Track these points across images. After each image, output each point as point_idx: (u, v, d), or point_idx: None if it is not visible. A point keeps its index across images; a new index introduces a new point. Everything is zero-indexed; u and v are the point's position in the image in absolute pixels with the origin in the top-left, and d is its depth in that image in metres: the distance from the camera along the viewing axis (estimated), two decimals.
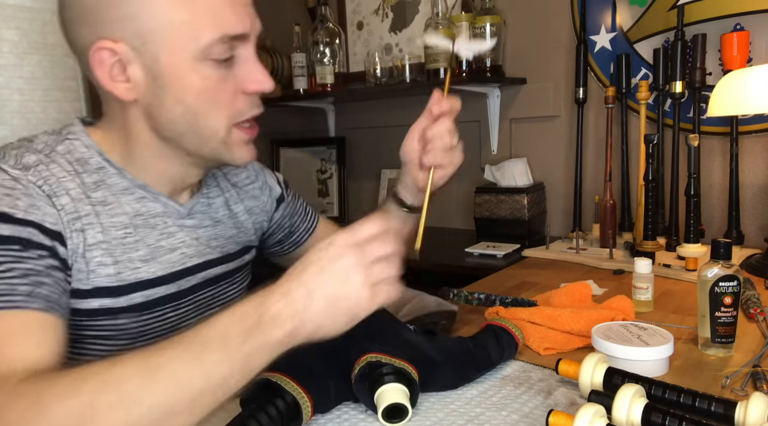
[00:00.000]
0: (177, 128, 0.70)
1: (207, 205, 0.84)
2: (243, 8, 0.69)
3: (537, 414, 0.64)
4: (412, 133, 0.85)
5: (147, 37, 0.66)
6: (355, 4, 2.11)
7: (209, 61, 0.67)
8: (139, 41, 0.66)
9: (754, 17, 1.37)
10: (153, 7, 0.65)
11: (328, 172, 2.21)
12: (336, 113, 2.25)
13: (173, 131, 0.71)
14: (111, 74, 0.67)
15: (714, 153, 1.47)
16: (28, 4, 1.11)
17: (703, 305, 0.78)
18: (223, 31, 0.66)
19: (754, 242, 1.39)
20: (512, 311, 0.89)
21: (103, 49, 0.66)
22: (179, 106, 0.68)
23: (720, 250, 0.77)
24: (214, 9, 0.66)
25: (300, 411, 0.60)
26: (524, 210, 1.64)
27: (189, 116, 0.69)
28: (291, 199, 0.99)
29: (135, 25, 0.65)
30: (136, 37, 0.66)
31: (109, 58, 0.66)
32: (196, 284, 0.80)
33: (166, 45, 0.66)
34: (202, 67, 0.67)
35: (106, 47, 0.66)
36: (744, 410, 0.56)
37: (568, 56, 1.67)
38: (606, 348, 0.72)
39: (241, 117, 0.71)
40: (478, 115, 1.86)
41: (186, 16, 0.65)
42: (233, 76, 0.70)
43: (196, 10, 0.65)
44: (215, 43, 0.66)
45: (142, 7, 0.65)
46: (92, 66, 0.67)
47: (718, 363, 0.76)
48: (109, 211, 0.72)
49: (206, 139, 0.71)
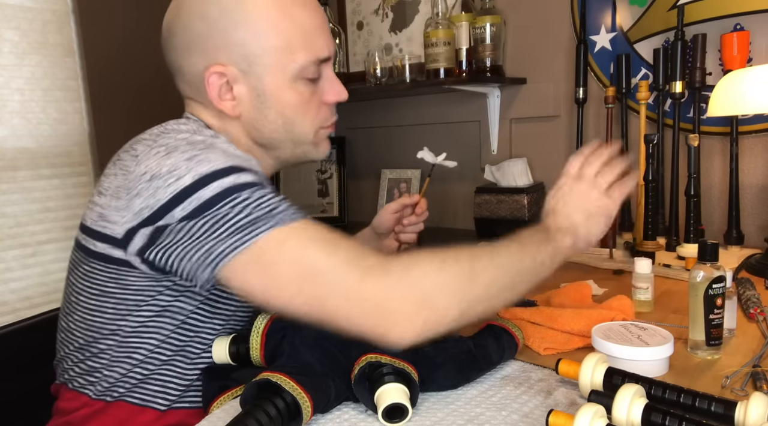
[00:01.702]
0: (278, 137, 0.81)
1: None
2: (327, 32, 0.81)
3: (537, 414, 0.64)
4: (388, 209, 1.07)
5: (252, 59, 0.76)
6: (355, 4, 2.11)
7: (303, 80, 0.78)
8: (246, 64, 0.76)
9: (754, 17, 1.37)
10: (258, 35, 0.75)
11: (328, 172, 2.21)
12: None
13: (274, 140, 0.81)
14: (220, 94, 0.77)
15: (714, 153, 1.47)
16: (28, 4, 1.11)
17: (695, 308, 0.77)
18: (315, 55, 0.78)
19: (754, 242, 1.39)
20: (512, 311, 0.89)
21: (214, 74, 0.76)
22: (280, 118, 0.79)
23: (707, 251, 0.77)
24: (308, 36, 0.78)
25: (300, 411, 0.60)
26: (524, 210, 1.64)
27: (288, 126, 0.80)
28: None
29: (242, 51, 0.75)
30: (243, 61, 0.76)
31: (218, 80, 0.76)
32: None
33: (268, 67, 0.76)
34: (298, 85, 0.78)
35: (217, 71, 0.75)
36: (744, 410, 0.56)
37: (568, 56, 1.67)
38: (606, 348, 0.72)
39: (325, 123, 0.84)
40: (478, 115, 1.86)
41: (285, 42, 0.76)
42: (319, 90, 0.82)
43: (294, 37, 0.76)
44: (309, 64, 0.78)
45: (248, 35, 0.75)
46: (206, 87, 0.76)
47: (718, 363, 0.76)
48: None
49: (299, 143, 0.83)
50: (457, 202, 1.94)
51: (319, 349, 0.68)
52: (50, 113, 1.18)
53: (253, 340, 0.72)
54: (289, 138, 0.81)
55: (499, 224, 1.68)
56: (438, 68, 1.68)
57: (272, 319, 0.74)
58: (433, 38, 1.67)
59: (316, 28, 0.79)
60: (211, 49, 0.75)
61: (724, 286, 0.77)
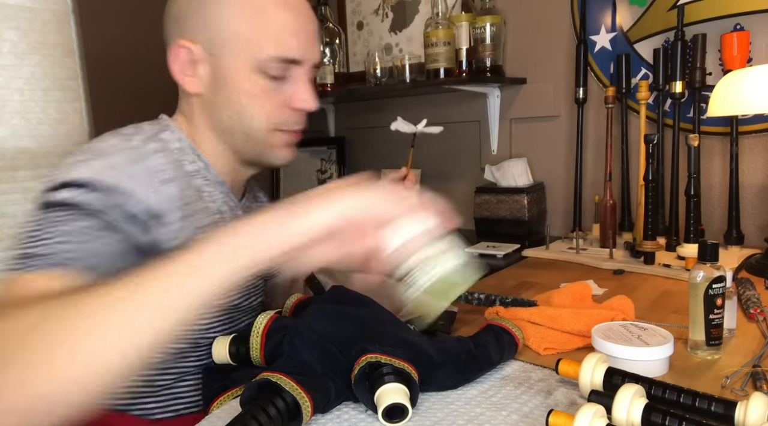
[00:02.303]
0: (231, 124, 0.81)
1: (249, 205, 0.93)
2: (305, 37, 0.80)
3: (537, 414, 0.64)
4: None
5: (220, 42, 0.78)
6: (355, 4, 2.10)
7: (263, 74, 0.79)
8: (213, 46, 0.78)
9: (754, 17, 1.37)
10: (230, 20, 0.77)
11: (328, 172, 2.21)
12: (336, 113, 2.25)
13: (228, 127, 0.81)
14: (182, 69, 0.80)
15: (714, 153, 1.47)
16: (28, 4, 1.11)
17: (695, 308, 0.77)
18: (281, 53, 0.78)
19: (754, 242, 1.39)
20: (512, 311, 0.89)
21: (182, 47, 0.79)
22: (235, 105, 0.80)
23: (707, 251, 0.77)
24: (279, 33, 0.78)
25: (300, 411, 0.60)
26: (524, 210, 1.64)
27: (240, 115, 0.80)
28: None
29: (212, 33, 0.78)
30: (211, 42, 0.78)
31: (184, 55, 0.79)
32: None
33: (233, 52, 0.78)
34: (258, 77, 0.79)
35: (185, 46, 0.78)
36: (744, 410, 0.56)
37: (568, 56, 1.67)
38: (606, 348, 0.72)
39: (282, 126, 0.83)
40: (478, 115, 1.86)
41: (254, 33, 0.77)
42: (282, 92, 0.81)
43: (265, 30, 0.77)
44: (272, 60, 0.78)
45: (221, 19, 0.77)
46: (169, 58, 0.79)
47: (718, 363, 0.76)
48: (206, 198, 0.80)
49: (252, 138, 0.82)
50: (457, 202, 1.93)
51: (319, 349, 0.68)
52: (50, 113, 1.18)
53: (253, 340, 0.72)
54: (241, 128, 0.81)
55: (499, 224, 1.68)
56: (438, 68, 1.68)
57: (272, 319, 0.74)
58: (433, 38, 1.67)
59: (293, 29, 0.79)
60: (186, 25, 0.79)
61: (724, 286, 0.77)
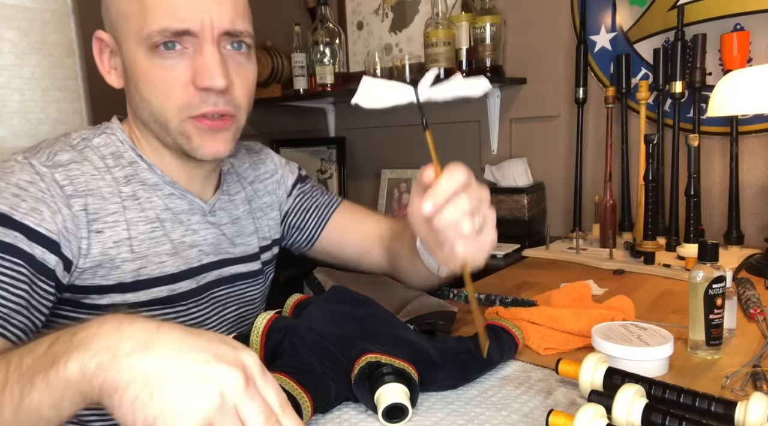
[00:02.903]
0: (147, 117, 0.73)
1: (229, 201, 0.86)
2: (200, 6, 0.68)
3: (537, 414, 0.63)
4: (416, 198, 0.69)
5: (116, 26, 0.71)
6: (355, 4, 2.10)
7: (154, 51, 0.69)
8: (113, 31, 0.72)
9: (754, 17, 1.37)
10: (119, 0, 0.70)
11: (328, 172, 2.21)
12: (336, 113, 2.25)
13: (146, 121, 0.74)
14: (102, 62, 0.75)
15: (714, 153, 1.47)
16: (28, 4, 1.11)
17: (695, 308, 0.77)
18: (165, 24, 0.67)
19: (754, 242, 1.39)
20: (512, 311, 0.89)
21: (98, 39, 0.74)
22: (139, 95, 0.72)
23: (707, 251, 0.77)
24: (165, 4, 0.68)
25: (300, 411, 0.60)
26: (524, 210, 1.64)
27: (147, 106, 0.72)
28: (300, 193, 0.97)
29: (108, 16, 0.72)
30: (111, 28, 0.72)
31: (98, 46, 0.74)
32: (212, 281, 0.82)
33: (126, 34, 0.70)
34: (149, 55, 0.69)
35: (98, 37, 0.73)
36: (744, 410, 0.56)
37: (568, 56, 1.67)
38: (606, 348, 0.72)
39: (192, 111, 0.71)
40: (478, 115, 1.86)
41: (137, 7, 0.68)
42: (182, 69, 0.70)
43: (147, 2, 0.68)
44: (155, 34, 0.68)
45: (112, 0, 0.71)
46: (93, 53, 0.74)
47: (718, 363, 0.76)
48: (138, 206, 0.74)
49: (168, 130, 0.73)
50: None
51: (319, 349, 0.68)
52: (50, 113, 1.18)
53: (253, 340, 0.72)
54: (154, 119, 0.72)
55: (499, 224, 1.67)
56: (438, 68, 1.68)
57: (272, 319, 0.74)
58: (433, 38, 1.67)
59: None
60: (103, 15, 0.74)
61: (724, 286, 0.77)
